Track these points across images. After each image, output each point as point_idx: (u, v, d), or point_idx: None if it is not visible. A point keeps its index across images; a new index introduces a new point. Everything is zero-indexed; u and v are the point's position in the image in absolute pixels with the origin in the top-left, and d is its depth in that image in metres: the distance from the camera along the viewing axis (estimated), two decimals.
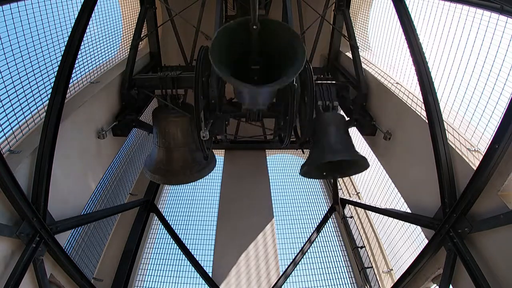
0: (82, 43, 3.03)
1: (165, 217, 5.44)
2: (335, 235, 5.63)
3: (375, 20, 4.99)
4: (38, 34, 3.15)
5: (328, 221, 5.66)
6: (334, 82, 4.13)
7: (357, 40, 4.63)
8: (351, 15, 4.92)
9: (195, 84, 3.09)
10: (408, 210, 3.57)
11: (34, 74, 3.11)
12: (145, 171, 4.08)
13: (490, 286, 2.35)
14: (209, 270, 4.82)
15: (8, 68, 2.80)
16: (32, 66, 3.08)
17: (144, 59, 5.12)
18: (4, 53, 2.74)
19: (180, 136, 3.86)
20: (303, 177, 3.87)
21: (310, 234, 5.31)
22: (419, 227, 3.46)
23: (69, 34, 2.96)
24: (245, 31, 2.16)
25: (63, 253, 3.00)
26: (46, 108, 2.85)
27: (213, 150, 7.34)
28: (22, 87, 2.95)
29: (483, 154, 2.41)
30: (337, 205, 5.66)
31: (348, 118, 4.46)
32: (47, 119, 2.76)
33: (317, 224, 5.52)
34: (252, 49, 2.41)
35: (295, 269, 4.81)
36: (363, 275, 4.55)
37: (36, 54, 3.13)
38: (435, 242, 2.92)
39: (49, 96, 2.86)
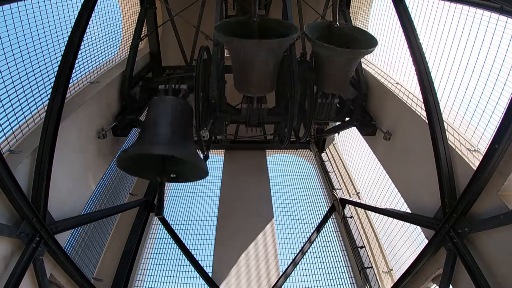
0: (82, 43, 3.03)
1: (165, 217, 5.44)
2: (335, 235, 5.62)
3: (375, 20, 4.99)
4: (38, 34, 3.14)
5: (328, 221, 5.65)
6: None
7: None
8: (351, 15, 4.93)
9: (195, 84, 3.10)
10: (408, 210, 3.57)
11: (34, 74, 3.10)
12: None
13: (490, 286, 2.35)
14: (209, 270, 4.81)
15: (8, 68, 2.80)
16: (32, 66, 3.07)
17: (144, 59, 5.12)
18: (4, 53, 2.74)
19: None
20: (303, 177, 3.84)
21: (310, 234, 5.30)
22: (419, 227, 3.46)
23: (69, 34, 2.96)
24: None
25: (63, 253, 3.00)
26: (46, 108, 2.85)
27: (213, 150, 7.39)
28: (22, 87, 2.95)
29: (483, 154, 2.41)
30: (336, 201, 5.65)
31: (348, 118, 4.46)
32: (47, 119, 2.75)
33: (317, 224, 5.52)
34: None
35: (295, 269, 4.80)
36: (363, 275, 4.55)
37: (36, 54, 3.12)
38: (435, 242, 2.92)
39: (49, 96, 2.86)
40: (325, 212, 5.79)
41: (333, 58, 3.25)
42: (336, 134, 5.93)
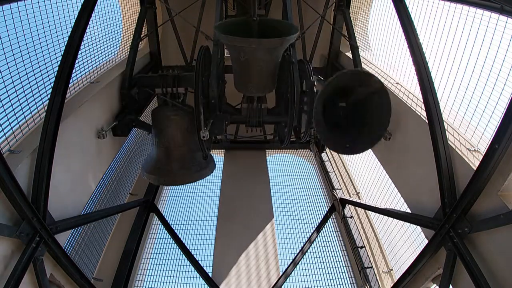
0: (82, 43, 3.03)
1: (165, 217, 5.44)
2: (335, 235, 5.62)
3: (375, 20, 4.99)
4: (38, 34, 3.14)
5: (328, 221, 5.65)
6: None
7: (357, 40, 4.63)
8: (351, 15, 4.93)
9: (195, 84, 3.10)
10: (408, 210, 3.57)
11: (34, 74, 3.10)
12: (143, 171, 4.06)
13: (490, 286, 2.35)
14: (209, 270, 4.81)
15: (8, 68, 2.80)
16: (32, 66, 3.07)
17: (144, 59, 5.12)
18: (4, 53, 2.74)
19: (180, 135, 3.85)
20: (303, 177, 3.84)
21: (310, 234, 5.31)
22: (419, 227, 3.46)
23: (69, 34, 2.96)
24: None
25: (63, 253, 3.00)
26: (46, 108, 2.85)
27: (213, 150, 7.39)
28: (22, 87, 2.95)
29: (483, 154, 2.41)
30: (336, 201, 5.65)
31: None
32: (47, 119, 2.76)
33: (317, 224, 5.52)
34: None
35: (295, 269, 4.80)
36: (363, 275, 4.55)
37: (36, 54, 3.12)
38: (435, 242, 2.93)
39: (49, 96, 2.86)
40: (325, 212, 5.79)
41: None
42: None
